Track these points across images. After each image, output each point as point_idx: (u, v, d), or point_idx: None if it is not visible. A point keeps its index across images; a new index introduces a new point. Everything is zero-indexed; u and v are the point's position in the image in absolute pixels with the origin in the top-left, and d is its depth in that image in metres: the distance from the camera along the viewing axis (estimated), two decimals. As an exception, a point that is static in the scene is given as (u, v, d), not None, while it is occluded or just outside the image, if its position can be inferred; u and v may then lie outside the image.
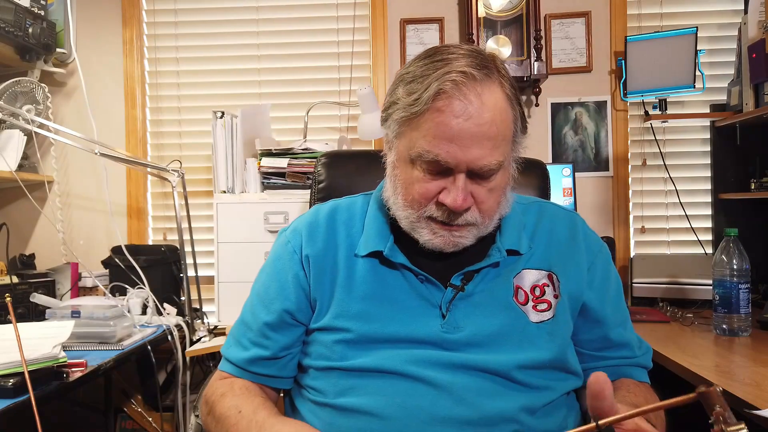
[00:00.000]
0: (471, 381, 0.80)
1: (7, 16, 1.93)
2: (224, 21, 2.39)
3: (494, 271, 0.87)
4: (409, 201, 0.84)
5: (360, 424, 0.80)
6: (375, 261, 0.89)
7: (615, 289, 0.93)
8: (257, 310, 0.94)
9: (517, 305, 0.86)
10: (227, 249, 2.00)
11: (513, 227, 0.91)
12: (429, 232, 0.84)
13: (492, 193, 0.83)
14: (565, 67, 2.30)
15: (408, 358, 0.82)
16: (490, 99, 0.78)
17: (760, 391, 1.08)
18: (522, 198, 0.99)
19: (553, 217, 0.95)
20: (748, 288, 1.49)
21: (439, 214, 0.82)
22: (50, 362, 1.22)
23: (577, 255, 0.91)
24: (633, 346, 0.91)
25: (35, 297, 1.71)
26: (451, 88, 0.77)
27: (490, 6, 2.14)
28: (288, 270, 0.92)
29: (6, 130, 2.04)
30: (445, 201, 0.80)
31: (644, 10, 2.31)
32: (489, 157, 0.79)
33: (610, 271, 0.94)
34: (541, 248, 0.91)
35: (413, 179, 0.83)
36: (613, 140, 2.30)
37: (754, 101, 1.95)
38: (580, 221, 0.96)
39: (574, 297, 0.88)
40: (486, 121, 0.77)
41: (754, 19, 1.93)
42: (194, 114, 2.39)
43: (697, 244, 2.24)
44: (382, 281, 0.88)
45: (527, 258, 0.89)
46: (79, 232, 2.37)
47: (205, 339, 1.99)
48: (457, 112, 0.77)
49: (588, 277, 0.90)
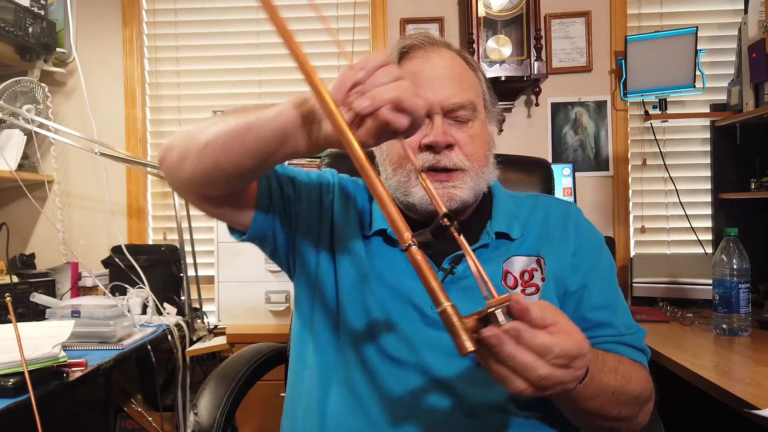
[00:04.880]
0: (459, 368, 0.80)
1: (7, 15, 1.93)
2: (224, 21, 2.39)
3: (485, 255, 0.88)
4: (397, 161, 0.87)
5: (351, 405, 0.82)
6: (380, 239, 0.90)
7: (605, 274, 0.91)
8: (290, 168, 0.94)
9: (506, 289, 0.86)
10: (227, 249, 2.00)
11: (504, 214, 0.92)
12: (420, 186, 0.84)
13: (473, 140, 0.86)
14: (565, 67, 2.30)
15: (399, 340, 0.83)
16: (448, 54, 0.88)
17: (760, 391, 1.08)
18: (517, 194, 1.00)
19: (547, 206, 0.96)
20: (748, 288, 1.49)
21: (426, 159, 0.84)
22: (50, 362, 1.22)
23: (566, 240, 0.91)
24: (618, 326, 0.87)
25: (35, 297, 1.71)
26: (410, 47, 0.88)
27: (490, 5, 2.14)
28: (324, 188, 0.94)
29: (6, 130, 2.04)
30: (427, 141, 0.83)
31: (644, 10, 2.31)
32: (458, 95, 0.85)
33: (600, 257, 0.92)
34: (533, 236, 0.91)
35: None
36: (613, 140, 2.30)
37: (754, 101, 1.95)
38: (574, 210, 0.96)
39: (558, 280, 0.88)
40: (448, 65, 0.87)
41: (754, 19, 1.93)
42: (194, 114, 2.39)
43: (697, 244, 2.24)
44: (388, 259, 0.89)
45: (518, 244, 0.90)
46: (79, 231, 2.37)
47: (205, 339, 1.99)
48: (421, 63, 0.86)
49: (573, 261, 0.89)
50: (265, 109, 0.70)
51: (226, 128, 0.72)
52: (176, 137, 0.80)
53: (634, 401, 0.78)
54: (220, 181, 0.76)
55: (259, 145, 0.69)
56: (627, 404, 0.77)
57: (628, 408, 0.78)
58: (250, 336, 1.87)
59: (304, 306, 0.92)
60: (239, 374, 1.14)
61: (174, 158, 0.79)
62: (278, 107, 0.68)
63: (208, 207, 0.84)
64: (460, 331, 0.52)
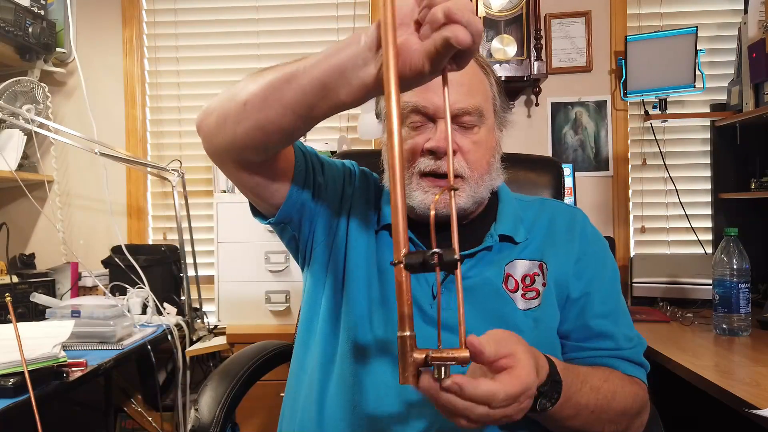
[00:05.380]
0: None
1: (7, 15, 1.93)
2: (224, 21, 2.39)
3: (487, 257, 0.88)
4: None
5: (347, 397, 0.83)
6: (387, 234, 0.91)
7: (609, 283, 0.91)
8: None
9: (507, 292, 0.86)
10: (227, 249, 2.00)
11: (509, 217, 0.92)
12: (421, 191, 0.85)
13: (477, 147, 0.86)
14: (565, 67, 2.30)
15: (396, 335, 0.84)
16: None
17: (760, 390, 1.08)
18: (525, 197, 1.00)
19: (553, 211, 0.96)
20: (748, 288, 1.49)
21: (428, 164, 0.84)
22: (50, 362, 1.22)
23: (569, 246, 0.91)
24: (618, 338, 0.87)
25: (35, 297, 1.71)
26: None
27: (490, 5, 2.14)
28: (347, 178, 0.96)
29: (6, 130, 2.04)
30: (429, 145, 0.83)
31: (644, 10, 2.31)
32: (464, 100, 0.83)
33: (604, 264, 0.92)
34: (537, 240, 0.91)
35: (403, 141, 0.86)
36: (613, 140, 2.30)
37: (754, 101, 1.95)
38: (580, 216, 0.96)
39: (560, 285, 0.88)
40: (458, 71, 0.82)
41: (754, 19, 1.92)
42: (194, 114, 2.34)
43: (697, 244, 2.24)
44: (389, 254, 0.89)
45: (521, 248, 0.90)
46: (79, 231, 2.37)
47: (205, 339, 1.99)
48: None
49: (575, 268, 0.89)
50: (302, 60, 0.68)
51: (264, 83, 0.70)
52: (215, 100, 0.78)
53: (618, 417, 0.79)
54: (260, 142, 0.74)
55: (299, 97, 0.67)
56: (611, 422, 0.78)
57: (613, 425, 0.79)
58: (250, 336, 1.86)
59: (313, 296, 0.93)
60: (241, 371, 1.14)
61: (212, 122, 0.77)
62: (316, 56, 0.66)
63: (245, 175, 0.82)
64: (406, 365, 0.56)
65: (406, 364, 0.56)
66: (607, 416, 0.78)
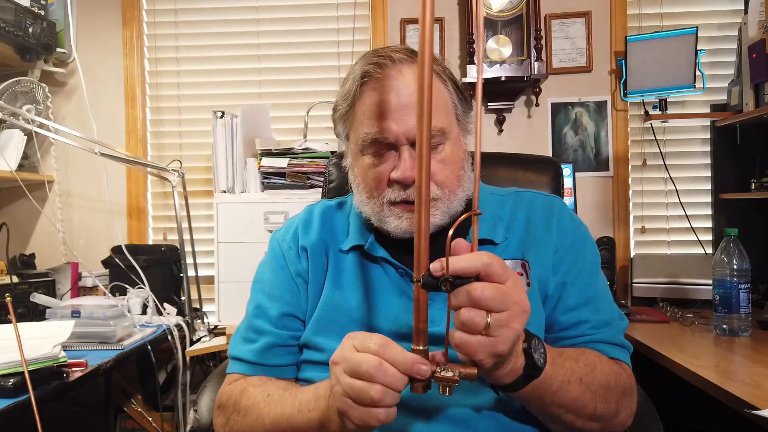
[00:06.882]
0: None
1: (7, 15, 1.93)
2: (224, 21, 2.39)
3: None
4: (368, 191, 0.87)
5: None
6: (358, 255, 0.91)
7: (588, 270, 0.89)
8: (264, 305, 0.93)
9: None
10: (227, 249, 2.00)
11: (487, 219, 0.90)
12: (395, 217, 0.85)
13: (445, 165, 0.84)
14: (565, 67, 2.30)
15: None
16: (411, 72, 0.83)
17: (760, 391, 1.08)
18: (500, 190, 0.99)
19: (530, 204, 0.94)
20: (748, 288, 1.49)
21: (397, 195, 0.83)
22: (50, 362, 1.22)
23: (548, 239, 0.89)
24: (592, 321, 0.85)
25: (35, 297, 1.71)
26: (373, 69, 0.83)
27: (490, 6, 2.14)
28: (289, 266, 0.94)
29: (6, 130, 2.05)
30: (395, 176, 0.82)
31: (644, 10, 2.31)
32: None
33: (583, 252, 0.90)
34: (517, 238, 0.90)
35: (366, 168, 0.86)
36: (613, 140, 2.30)
37: (754, 101, 1.95)
38: (558, 205, 0.94)
39: (542, 282, 0.87)
40: (411, 90, 0.81)
41: (754, 19, 1.93)
42: (194, 114, 2.39)
43: (697, 244, 2.24)
44: (365, 275, 0.89)
45: (502, 249, 0.88)
46: (79, 231, 2.37)
47: (205, 339, 1.99)
48: (384, 89, 0.82)
49: (554, 259, 0.88)
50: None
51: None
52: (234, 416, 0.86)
53: (605, 392, 0.77)
54: None
55: None
56: (602, 398, 0.76)
57: (603, 403, 0.77)
58: (250, 336, 1.86)
59: None
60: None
61: None
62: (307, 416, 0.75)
63: None
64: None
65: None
66: (596, 386, 0.75)
